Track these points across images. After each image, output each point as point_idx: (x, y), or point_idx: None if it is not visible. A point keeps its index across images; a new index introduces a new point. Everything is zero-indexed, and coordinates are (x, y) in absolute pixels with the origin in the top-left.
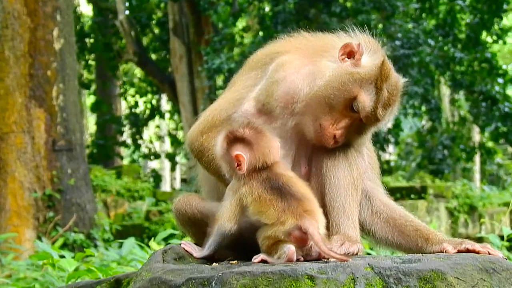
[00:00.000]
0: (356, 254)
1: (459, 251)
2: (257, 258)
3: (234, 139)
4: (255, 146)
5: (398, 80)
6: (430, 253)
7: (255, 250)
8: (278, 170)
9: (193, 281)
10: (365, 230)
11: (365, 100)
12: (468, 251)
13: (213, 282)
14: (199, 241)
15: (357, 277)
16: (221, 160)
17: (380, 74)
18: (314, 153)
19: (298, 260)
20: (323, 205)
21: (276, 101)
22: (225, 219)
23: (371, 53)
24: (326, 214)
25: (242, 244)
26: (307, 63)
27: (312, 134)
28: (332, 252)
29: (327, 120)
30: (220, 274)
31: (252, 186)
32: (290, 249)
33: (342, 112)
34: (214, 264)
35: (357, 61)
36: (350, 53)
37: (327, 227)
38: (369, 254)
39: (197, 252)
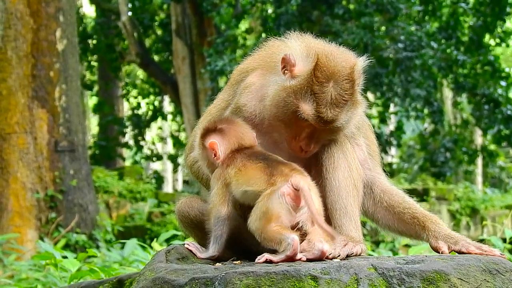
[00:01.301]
0: (359, 255)
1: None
2: (261, 258)
3: (207, 133)
4: (228, 131)
5: (351, 69)
6: (428, 243)
7: (259, 250)
8: (260, 149)
9: (196, 281)
10: (369, 218)
11: (305, 109)
12: (462, 253)
13: (216, 282)
14: (202, 243)
15: (361, 278)
16: (201, 160)
17: (315, 78)
18: (312, 156)
19: (299, 259)
20: (325, 208)
21: None
22: (217, 205)
23: (304, 58)
24: (328, 216)
25: (245, 245)
26: (264, 82)
27: (287, 147)
28: (324, 223)
29: (288, 134)
30: (223, 274)
31: (236, 161)
32: (294, 239)
33: (297, 124)
34: (217, 264)
35: (292, 72)
36: (288, 65)
37: None
38: (370, 255)
39: (201, 252)
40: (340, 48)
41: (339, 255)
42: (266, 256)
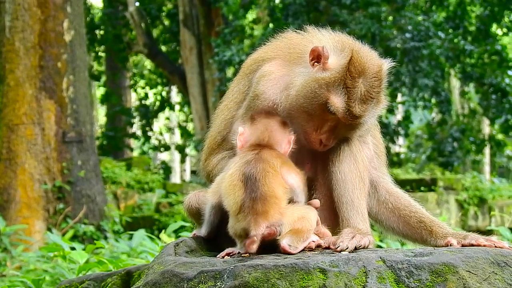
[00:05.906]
0: (367, 247)
1: (463, 246)
2: (222, 253)
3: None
4: (255, 124)
5: (379, 68)
6: (435, 246)
7: (267, 244)
8: (266, 156)
9: (205, 274)
10: (372, 219)
11: (336, 102)
12: (472, 246)
13: (225, 275)
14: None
15: (369, 270)
16: None
17: (348, 73)
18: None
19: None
20: (332, 201)
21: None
22: (211, 193)
23: (338, 52)
24: (335, 209)
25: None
26: (285, 72)
27: (303, 140)
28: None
29: (310, 126)
30: (232, 267)
31: (235, 163)
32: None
33: (321, 117)
34: (226, 257)
35: (324, 65)
36: (318, 57)
37: (337, 222)
38: (379, 246)
39: (199, 232)
40: (365, 46)
41: (347, 248)
42: (227, 250)
